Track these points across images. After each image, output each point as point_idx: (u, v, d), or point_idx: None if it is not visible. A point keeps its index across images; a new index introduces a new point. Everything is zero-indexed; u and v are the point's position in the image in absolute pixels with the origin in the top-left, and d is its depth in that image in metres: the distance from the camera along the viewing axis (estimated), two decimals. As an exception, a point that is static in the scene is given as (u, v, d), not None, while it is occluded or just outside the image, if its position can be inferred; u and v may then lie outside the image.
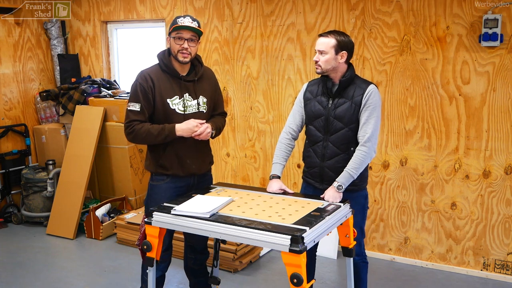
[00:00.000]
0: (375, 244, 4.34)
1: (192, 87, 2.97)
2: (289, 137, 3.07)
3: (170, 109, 2.91)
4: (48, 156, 5.46)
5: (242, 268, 4.13)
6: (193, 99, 2.97)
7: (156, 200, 2.96)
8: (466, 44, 3.76)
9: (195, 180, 3.07)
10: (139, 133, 2.87)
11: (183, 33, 2.84)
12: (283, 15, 4.41)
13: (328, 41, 2.83)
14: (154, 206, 2.86)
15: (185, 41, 2.84)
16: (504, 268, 3.88)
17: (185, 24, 2.83)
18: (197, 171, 3.04)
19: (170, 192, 2.99)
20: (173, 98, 2.92)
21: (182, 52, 2.86)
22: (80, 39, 5.69)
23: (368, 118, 2.83)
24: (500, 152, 3.77)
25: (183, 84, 2.95)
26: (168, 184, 2.99)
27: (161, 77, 2.92)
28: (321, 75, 2.93)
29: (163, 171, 2.98)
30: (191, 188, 3.06)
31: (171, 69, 2.93)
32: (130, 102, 2.92)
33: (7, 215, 5.28)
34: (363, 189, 3.00)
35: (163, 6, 5.03)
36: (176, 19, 2.87)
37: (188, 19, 2.86)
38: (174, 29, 2.83)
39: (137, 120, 2.88)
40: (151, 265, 2.76)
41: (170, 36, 2.89)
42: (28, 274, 4.11)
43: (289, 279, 2.26)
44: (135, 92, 2.91)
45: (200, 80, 3.02)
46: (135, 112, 2.89)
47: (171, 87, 2.92)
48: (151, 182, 3.07)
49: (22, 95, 5.53)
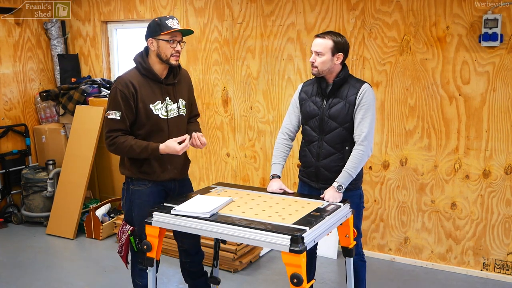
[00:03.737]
0: (375, 244, 4.34)
1: (172, 90, 2.91)
2: (286, 137, 3.09)
3: (153, 115, 2.83)
4: (48, 156, 5.46)
5: (242, 268, 4.14)
6: (173, 102, 2.91)
7: (141, 205, 2.92)
8: (466, 44, 3.76)
9: (176, 185, 3.03)
10: (120, 147, 2.78)
11: (177, 36, 2.79)
12: (283, 15, 4.41)
13: (325, 42, 2.83)
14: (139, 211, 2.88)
15: (178, 43, 2.79)
16: (504, 268, 3.88)
17: (176, 27, 2.76)
18: (178, 176, 3.02)
19: (153, 196, 2.93)
20: (156, 103, 2.84)
21: (175, 55, 2.80)
22: (80, 39, 5.69)
23: (363, 117, 2.83)
24: (500, 152, 3.78)
25: (163, 88, 2.88)
26: (151, 189, 2.93)
27: (141, 82, 2.82)
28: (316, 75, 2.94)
29: (144, 177, 2.91)
30: (174, 192, 3.03)
31: (151, 73, 2.84)
32: (109, 110, 2.79)
33: (7, 215, 5.29)
34: (358, 188, 3.01)
35: (163, 6, 5.03)
36: (164, 21, 2.76)
37: (176, 21, 2.79)
38: (168, 32, 2.75)
39: (118, 130, 2.77)
40: (151, 265, 2.76)
41: (157, 39, 2.76)
42: (28, 274, 4.12)
43: (289, 279, 2.26)
44: (114, 99, 2.77)
45: (179, 82, 2.96)
46: (115, 120, 2.76)
47: (153, 92, 2.84)
48: (131, 187, 2.96)
49: (22, 95, 5.53)
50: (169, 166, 2.94)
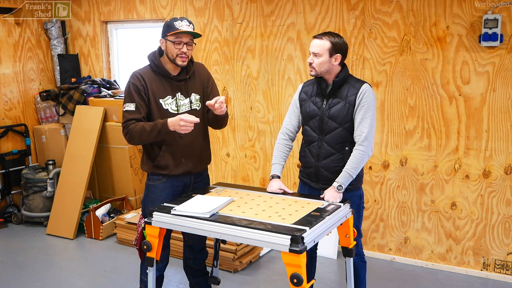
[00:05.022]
0: (375, 244, 4.34)
1: (184, 86, 2.96)
2: (286, 137, 3.09)
3: (163, 109, 2.90)
4: (48, 156, 5.46)
5: (242, 268, 4.14)
6: (185, 98, 2.97)
7: (153, 200, 2.97)
8: (466, 44, 3.76)
9: (191, 179, 3.05)
10: (133, 132, 2.82)
11: (183, 37, 2.82)
12: (283, 15, 4.41)
13: (322, 43, 2.83)
14: (151, 206, 2.87)
15: (184, 45, 2.83)
16: (504, 268, 3.88)
17: (185, 29, 2.80)
18: (193, 170, 3.03)
19: (167, 191, 2.98)
20: (166, 98, 2.92)
21: (181, 56, 2.84)
22: (80, 39, 5.69)
23: (363, 118, 2.83)
24: (500, 152, 3.78)
25: (174, 83, 2.94)
26: (164, 184, 2.99)
27: (152, 77, 2.91)
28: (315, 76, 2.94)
29: (158, 171, 2.97)
30: (188, 187, 3.05)
31: (162, 69, 2.92)
32: (125, 103, 2.89)
33: (7, 215, 5.29)
34: (358, 188, 3.01)
35: (163, 6, 5.03)
36: (173, 22, 2.82)
37: (185, 22, 2.83)
38: (173, 33, 2.80)
39: (133, 119, 2.85)
40: (151, 265, 2.76)
41: (166, 39, 2.86)
42: (28, 274, 4.11)
43: (289, 279, 2.26)
44: (129, 93, 2.89)
45: (191, 77, 3.00)
46: (130, 111, 2.86)
47: (163, 87, 2.92)
48: (147, 182, 3.06)
49: (22, 95, 5.53)
50: (183, 159, 2.97)
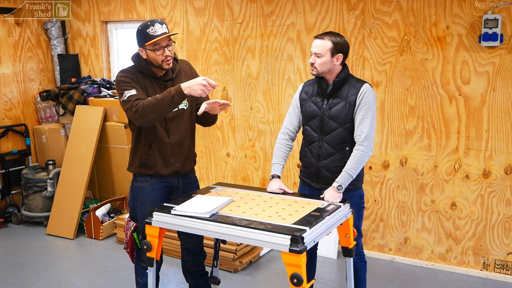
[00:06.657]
0: (375, 244, 4.34)
1: (171, 85, 2.89)
2: (286, 137, 3.09)
3: None
4: (48, 156, 5.46)
5: (242, 268, 4.13)
6: None
7: (143, 202, 2.94)
8: (466, 44, 3.76)
9: (179, 180, 3.02)
10: (144, 105, 2.66)
11: (161, 42, 2.77)
12: (283, 15, 4.41)
13: (324, 43, 2.83)
14: (141, 208, 2.86)
15: (164, 49, 2.78)
16: (504, 268, 3.88)
17: (160, 33, 2.74)
18: (181, 170, 2.99)
19: (155, 193, 2.95)
20: None
21: (166, 60, 2.81)
22: (80, 39, 5.69)
23: (363, 118, 2.83)
24: (500, 152, 3.78)
25: (162, 84, 2.90)
26: (152, 185, 2.95)
27: (141, 76, 2.86)
28: (316, 76, 2.94)
29: (146, 171, 2.93)
30: (177, 189, 3.02)
31: (148, 70, 2.86)
32: (124, 91, 2.75)
33: (7, 215, 5.29)
34: (358, 188, 3.01)
35: (163, 6, 5.03)
36: (145, 29, 2.75)
37: (158, 25, 2.76)
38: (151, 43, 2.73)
39: (139, 99, 2.72)
40: (151, 265, 2.76)
41: (144, 48, 2.78)
42: (28, 274, 4.11)
43: (289, 279, 2.26)
44: (125, 81, 2.78)
45: (178, 76, 2.96)
46: (133, 95, 2.72)
47: (153, 87, 2.87)
48: (135, 183, 3.00)
49: (22, 95, 5.53)
50: (171, 159, 2.94)
